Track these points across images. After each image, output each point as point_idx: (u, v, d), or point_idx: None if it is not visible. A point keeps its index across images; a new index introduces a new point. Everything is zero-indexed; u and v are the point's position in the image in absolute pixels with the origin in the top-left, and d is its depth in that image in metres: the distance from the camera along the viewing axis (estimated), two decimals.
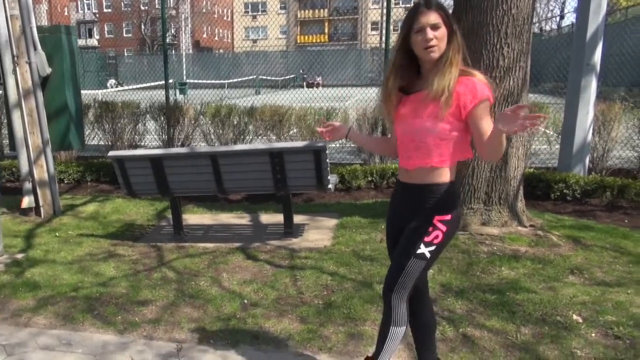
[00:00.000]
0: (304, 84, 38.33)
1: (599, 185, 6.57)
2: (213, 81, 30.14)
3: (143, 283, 4.49)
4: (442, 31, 2.37)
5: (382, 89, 2.60)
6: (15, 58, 6.20)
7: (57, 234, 5.84)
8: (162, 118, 8.70)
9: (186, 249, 5.33)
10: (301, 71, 40.90)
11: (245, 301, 4.12)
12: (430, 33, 2.35)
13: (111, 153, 5.42)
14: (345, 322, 3.78)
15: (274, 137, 8.28)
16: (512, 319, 3.78)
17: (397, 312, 2.60)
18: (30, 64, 6.27)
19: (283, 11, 67.96)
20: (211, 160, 5.27)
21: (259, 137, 8.39)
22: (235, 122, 8.39)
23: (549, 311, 3.86)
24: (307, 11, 68.99)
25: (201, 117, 8.57)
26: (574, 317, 3.78)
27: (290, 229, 5.60)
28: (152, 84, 23.52)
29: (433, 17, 2.35)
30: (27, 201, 6.40)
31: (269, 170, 5.24)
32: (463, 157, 2.51)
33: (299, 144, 5.33)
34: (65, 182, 8.03)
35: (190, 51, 45.07)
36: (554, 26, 45.08)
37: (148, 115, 8.94)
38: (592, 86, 6.95)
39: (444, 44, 2.38)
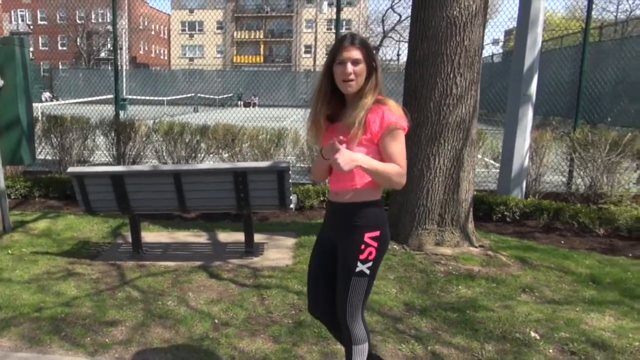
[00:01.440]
0: (241, 103, 38.16)
1: (536, 208, 6.82)
2: (152, 97, 29.53)
3: (108, 303, 4.30)
4: (362, 67, 2.48)
5: (310, 115, 2.67)
6: None
7: (9, 251, 5.52)
8: (113, 134, 8.41)
9: (147, 268, 5.15)
10: (241, 90, 40.67)
11: (216, 321, 4.02)
12: (349, 67, 2.46)
13: (70, 169, 5.20)
14: (317, 342, 3.74)
15: (226, 156, 8.16)
16: (476, 336, 3.85)
17: (355, 332, 2.68)
18: None
19: (220, 31, 67.56)
20: (174, 179, 5.13)
21: (211, 155, 8.26)
22: (187, 140, 8.22)
23: (508, 328, 3.95)
24: (243, 32, 68.84)
25: (153, 133, 8.34)
26: (532, 334, 3.89)
27: (251, 248, 5.51)
28: (92, 98, 22.80)
29: (355, 53, 2.47)
30: None
31: (232, 189, 5.16)
32: None
33: (263, 164, 5.29)
34: (12, 197, 7.61)
35: (127, 67, 43.92)
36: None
37: (97, 131, 8.62)
38: (529, 115, 7.24)
39: (362, 79, 2.50)
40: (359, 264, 2.57)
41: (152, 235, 6.18)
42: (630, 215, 6.33)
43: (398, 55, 59.20)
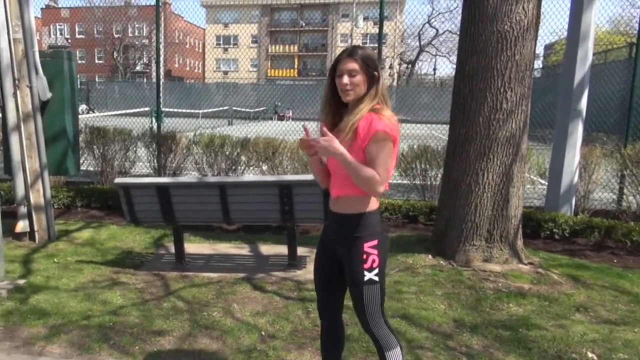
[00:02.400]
0: (276, 116, 38.45)
1: (587, 226, 6.71)
2: (187, 110, 29.99)
3: (154, 312, 4.37)
4: (359, 78, 2.59)
5: (322, 115, 2.77)
6: (17, 81, 6.08)
7: (55, 259, 5.66)
8: (154, 146, 8.58)
9: (190, 279, 5.22)
10: (278, 103, 40.98)
11: (263, 333, 4.04)
12: (346, 79, 2.58)
13: (117, 180, 5.32)
14: (366, 357, 3.74)
15: (265, 168, 8.24)
16: (530, 355, 3.79)
17: (384, 339, 2.74)
18: (31, 88, 6.14)
19: (254, 45, 68.42)
20: (219, 190, 5.21)
21: (251, 167, 8.35)
22: (227, 153, 8.33)
23: (562, 348, 3.88)
24: (277, 46, 69.59)
25: (193, 146, 8.48)
26: (589, 354, 3.81)
27: (294, 261, 5.55)
28: (128, 111, 23.26)
29: (351, 65, 2.59)
30: (21, 225, 6.20)
31: (277, 202, 5.21)
32: None
33: (309, 177, 5.32)
34: (55, 206, 7.80)
35: (162, 80, 44.80)
36: None
37: (139, 143, 8.81)
38: (578, 130, 7.15)
39: (361, 89, 2.61)
40: (365, 273, 2.65)
41: (193, 246, 6.26)
42: None
43: (434, 69, 59.22)
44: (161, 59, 9.37)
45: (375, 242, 2.66)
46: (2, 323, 4.14)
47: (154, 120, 20.58)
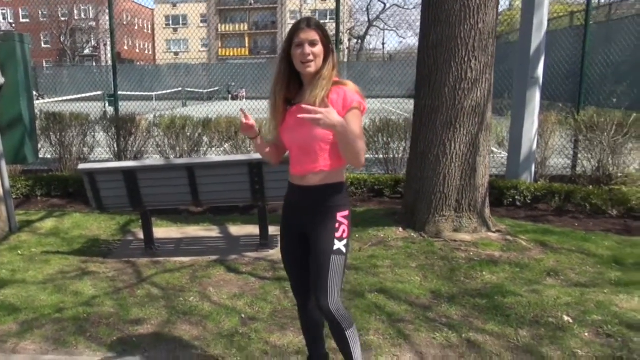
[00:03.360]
0: (230, 96, 37.90)
1: (548, 192, 6.78)
2: (141, 93, 29.20)
3: (129, 301, 4.19)
4: (319, 48, 2.53)
5: (270, 99, 2.69)
6: None
7: (19, 252, 5.39)
8: (113, 130, 8.25)
9: (162, 264, 5.04)
10: (232, 84, 40.31)
11: (243, 316, 3.93)
12: (307, 48, 2.51)
13: (81, 166, 5.06)
14: None
15: (228, 148, 8.04)
16: (508, 322, 3.79)
17: (341, 315, 2.60)
18: None
19: (204, 24, 66.99)
20: (187, 172, 5.02)
21: (214, 148, 8.13)
22: (189, 134, 8.09)
23: (539, 313, 3.90)
24: (227, 25, 68.32)
25: (154, 128, 8.20)
26: (565, 317, 3.84)
27: (266, 240, 5.42)
28: (79, 95, 22.51)
29: (312, 35, 2.51)
30: None
31: (247, 181, 5.06)
32: (343, 160, 2.60)
33: None
34: (14, 197, 7.43)
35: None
36: None
37: (97, 127, 8.46)
38: (536, 98, 7.18)
39: (320, 60, 2.54)
40: (336, 242, 2.59)
41: (161, 231, 6.06)
42: None
43: (383, 44, 59.20)
44: (114, 41, 8.94)
45: (347, 212, 2.65)
46: None
47: (107, 105, 19.96)
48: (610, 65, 13.85)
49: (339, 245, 2.59)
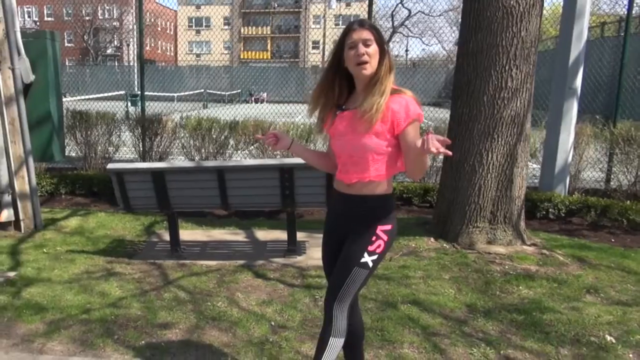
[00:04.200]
0: (252, 99, 38.03)
1: (583, 205, 6.64)
2: (163, 94, 29.39)
3: (156, 304, 4.15)
4: (374, 48, 2.44)
5: (311, 104, 2.63)
6: None
7: (44, 250, 5.38)
8: (139, 130, 8.26)
9: (189, 267, 5.00)
10: (252, 87, 40.49)
11: (272, 323, 3.86)
12: (362, 48, 2.42)
13: (110, 165, 5.05)
14: (382, 345, 3.58)
15: (254, 152, 8.00)
16: (548, 339, 3.68)
17: (338, 323, 2.57)
18: (13, 70, 5.79)
19: (227, 27, 67.40)
20: (217, 175, 4.98)
21: (240, 151, 8.10)
22: (215, 136, 8.07)
23: (580, 331, 3.78)
24: (250, 28, 68.68)
25: (180, 129, 8.19)
26: (607, 337, 3.72)
27: (294, 246, 5.36)
28: (101, 95, 22.71)
29: (365, 34, 2.43)
30: (6, 214, 5.88)
31: (278, 186, 5.01)
32: (397, 170, 2.56)
33: None
34: (39, 194, 7.47)
35: (136, 63, 43.70)
36: None
37: (123, 127, 8.49)
38: (573, 109, 7.05)
39: (376, 61, 2.45)
40: (365, 254, 2.52)
41: (187, 233, 6.03)
42: None
43: (406, 51, 59.03)
44: (133, 41, 9.00)
45: (389, 227, 2.56)
46: None
47: (129, 104, 20.08)
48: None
49: (367, 258, 2.52)
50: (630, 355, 3.50)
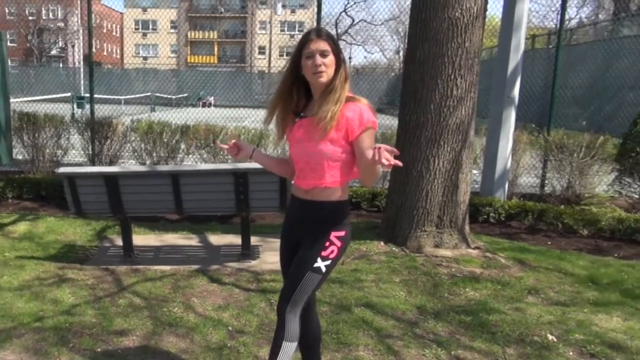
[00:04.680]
0: (200, 103, 37.51)
1: (521, 209, 6.83)
2: (112, 97, 28.58)
3: (111, 311, 4.02)
4: (330, 59, 2.46)
5: (269, 111, 2.63)
6: None
7: None
8: (88, 133, 8.00)
9: (142, 272, 4.87)
10: (201, 93, 39.87)
11: (230, 328, 3.80)
12: (319, 59, 2.43)
13: (62, 169, 4.87)
14: (339, 348, 3.58)
15: (205, 156, 7.87)
16: (494, 339, 3.76)
17: (290, 327, 2.58)
18: None
19: (174, 30, 66.25)
20: (172, 180, 4.87)
21: (191, 155, 7.96)
22: (166, 140, 7.90)
23: (523, 331, 3.89)
24: (197, 32, 67.74)
25: (130, 133, 7.98)
26: (549, 336, 3.83)
27: (247, 251, 5.29)
28: (47, 96, 21.89)
29: (322, 45, 2.44)
30: None
31: (232, 190, 4.94)
32: (353, 176, 2.58)
33: None
34: None
35: (81, 65, 42.37)
36: None
37: (72, 130, 8.20)
38: (512, 117, 7.24)
39: (332, 70, 2.47)
40: (319, 259, 2.52)
41: (139, 238, 5.86)
42: (612, 216, 6.40)
43: (350, 58, 59.50)
44: (79, 43, 8.74)
45: (342, 233, 2.56)
46: None
47: (75, 106, 19.40)
48: (569, 88, 14.19)
49: (320, 263, 2.52)
50: (571, 354, 3.61)
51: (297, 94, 2.58)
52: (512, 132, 7.31)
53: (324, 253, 2.52)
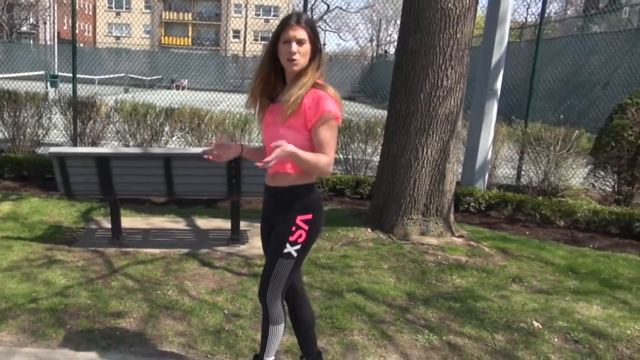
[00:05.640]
0: (174, 85, 36.98)
1: (501, 200, 6.94)
2: (85, 76, 27.97)
3: (105, 293, 3.98)
4: (306, 47, 2.43)
5: (250, 94, 2.61)
6: None
7: None
8: (70, 112, 7.84)
9: (132, 255, 4.82)
10: (175, 76, 39.25)
11: (226, 312, 3.80)
12: (294, 47, 2.40)
13: (52, 149, 4.77)
14: (334, 333, 3.61)
15: (190, 140, 7.80)
16: (483, 326, 3.84)
17: (273, 311, 2.62)
18: None
19: (147, 10, 65.00)
20: (164, 163, 4.82)
21: (175, 138, 7.88)
22: (150, 122, 7.80)
23: (510, 318, 3.97)
24: (171, 13, 66.60)
25: (114, 114, 7.84)
26: (534, 323, 3.92)
27: (237, 235, 5.28)
28: (21, 74, 21.31)
29: (300, 33, 2.40)
30: None
31: (224, 175, 4.91)
32: None
33: None
34: None
35: (55, 42, 41.27)
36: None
37: (53, 109, 8.02)
38: (494, 109, 7.34)
39: (306, 59, 2.44)
40: (287, 245, 2.53)
41: (126, 220, 5.76)
42: (588, 208, 6.55)
43: (324, 44, 59.29)
44: (50, 19, 8.53)
45: (309, 217, 2.54)
46: None
47: (49, 85, 18.94)
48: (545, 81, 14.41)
49: (290, 249, 2.53)
50: (556, 340, 3.71)
51: (274, 77, 2.55)
52: (494, 124, 7.41)
53: (291, 238, 2.52)
